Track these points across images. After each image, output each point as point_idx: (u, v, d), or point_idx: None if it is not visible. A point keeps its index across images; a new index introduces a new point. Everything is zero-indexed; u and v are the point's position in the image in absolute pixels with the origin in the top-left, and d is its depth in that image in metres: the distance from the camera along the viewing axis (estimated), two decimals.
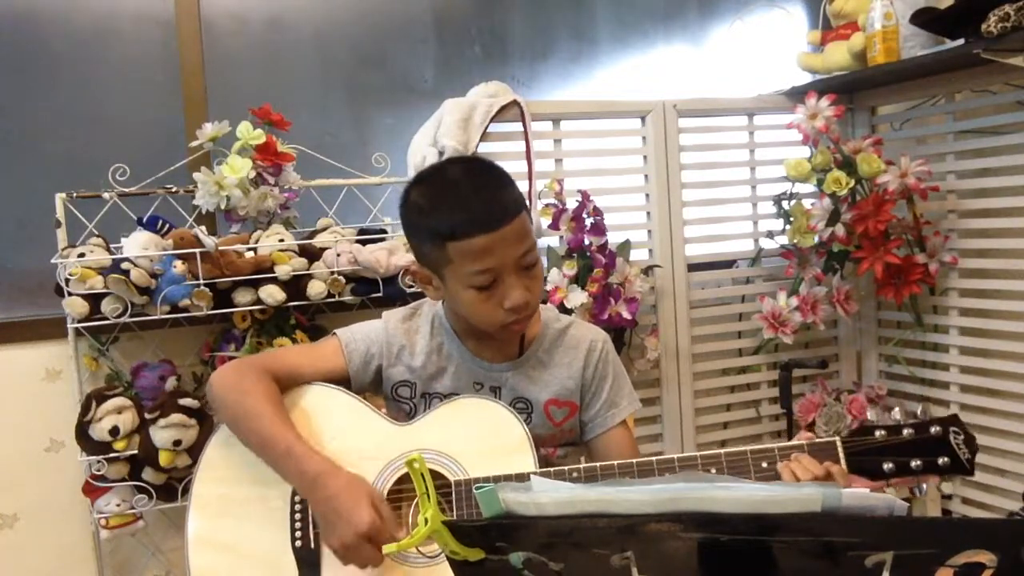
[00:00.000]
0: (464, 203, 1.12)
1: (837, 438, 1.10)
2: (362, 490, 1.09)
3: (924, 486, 1.10)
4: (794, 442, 1.11)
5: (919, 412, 1.10)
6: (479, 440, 1.18)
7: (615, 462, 1.12)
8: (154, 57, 2.03)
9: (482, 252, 1.11)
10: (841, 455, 1.09)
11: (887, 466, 1.07)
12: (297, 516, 1.15)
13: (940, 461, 1.07)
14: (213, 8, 2.07)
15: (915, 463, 1.07)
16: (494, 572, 0.66)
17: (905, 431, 1.08)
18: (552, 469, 1.13)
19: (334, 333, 1.31)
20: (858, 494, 0.59)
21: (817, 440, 1.11)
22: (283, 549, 1.14)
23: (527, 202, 1.95)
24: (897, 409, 1.11)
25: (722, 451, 1.12)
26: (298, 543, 1.14)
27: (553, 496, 0.63)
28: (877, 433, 1.09)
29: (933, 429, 1.08)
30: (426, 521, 0.68)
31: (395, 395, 1.29)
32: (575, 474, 1.11)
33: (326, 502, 1.08)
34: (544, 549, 0.64)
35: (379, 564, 1.07)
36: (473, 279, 1.13)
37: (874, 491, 0.61)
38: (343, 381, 1.27)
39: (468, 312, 1.19)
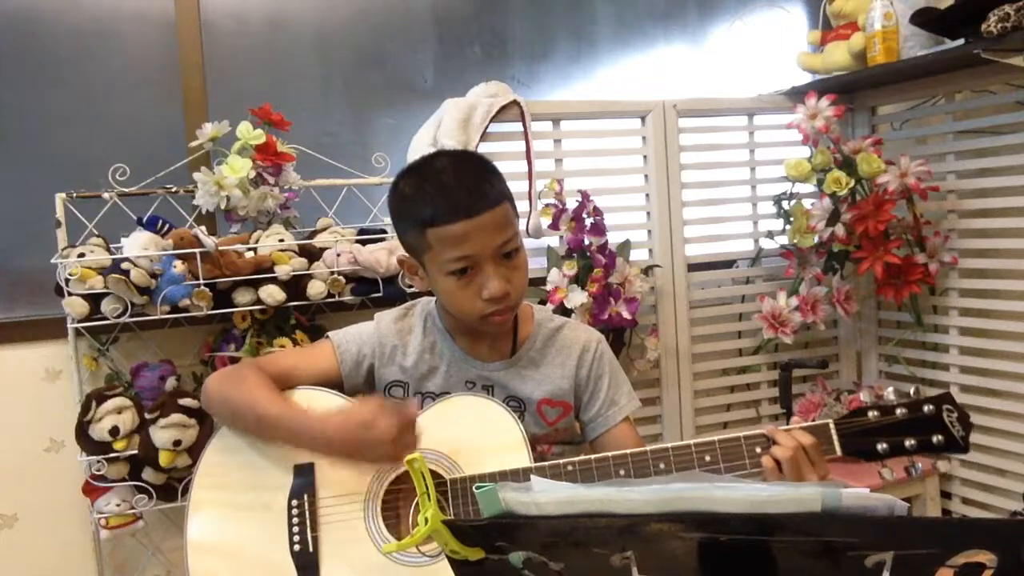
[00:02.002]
0: (444, 190, 1.14)
1: (830, 420, 1.09)
2: (364, 403, 1.14)
3: (919, 465, 1.09)
4: (788, 427, 1.11)
5: (912, 392, 1.09)
6: (474, 438, 1.18)
7: (609, 454, 1.12)
8: (154, 57, 2.03)
9: (458, 239, 1.12)
10: (835, 437, 1.09)
11: (881, 446, 1.07)
12: (295, 521, 1.16)
13: (934, 439, 1.06)
14: (213, 8, 2.07)
15: (909, 442, 1.06)
16: (494, 571, 0.66)
17: (898, 411, 1.07)
18: (547, 463, 1.13)
19: (327, 336, 1.32)
20: (858, 494, 0.59)
21: (810, 423, 1.11)
22: (282, 554, 1.14)
23: (528, 203, 2.00)
24: (890, 389, 1.10)
25: (716, 438, 1.11)
26: (296, 547, 1.14)
27: (553, 496, 0.63)
28: (870, 414, 1.08)
29: (926, 408, 1.07)
30: (426, 520, 0.68)
31: (388, 395, 1.29)
32: (570, 467, 1.11)
33: (343, 428, 1.10)
34: (544, 549, 0.64)
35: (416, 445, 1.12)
36: (450, 265, 1.14)
37: (873, 490, 0.61)
38: (336, 383, 1.27)
39: (448, 301, 1.21)
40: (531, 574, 0.66)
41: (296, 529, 1.15)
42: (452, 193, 1.13)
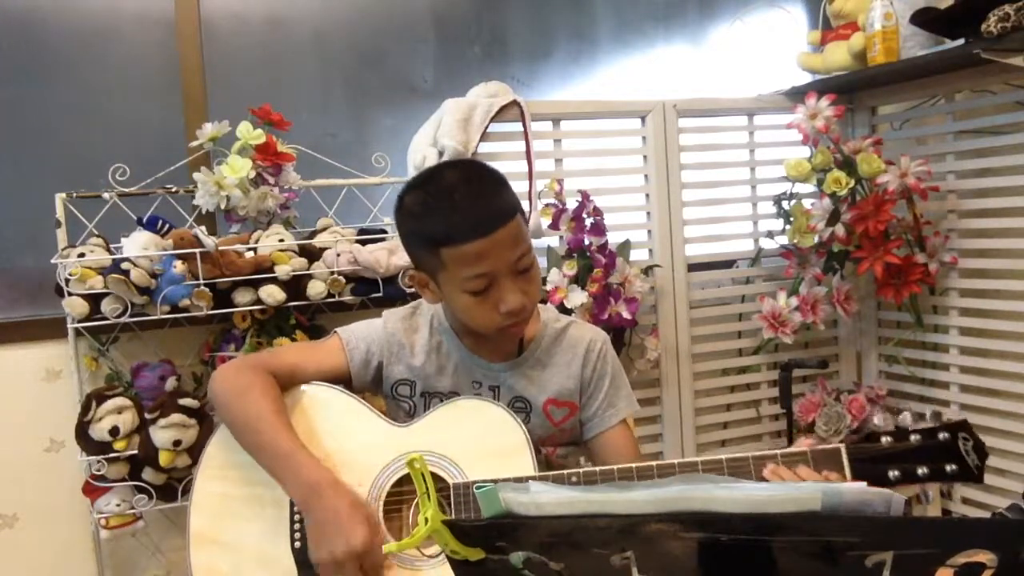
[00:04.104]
0: (457, 208, 1.11)
1: (842, 445, 1.07)
2: (362, 510, 1.10)
3: (930, 493, 1.07)
4: (798, 448, 1.09)
5: (928, 416, 1.07)
6: (478, 442, 1.18)
7: (615, 467, 1.11)
8: (154, 57, 2.03)
9: (475, 257, 1.10)
10: (846, 463, 1.07)
11: (893, 473, 1.04)
12: (296, 518, 1.16)
13: (948, 468, 1.03)
14: (213, 8, 2.07)
15: (922, 470, 1.03)
16: (494, 572, 0.66)
17: (912, 437, 1.04)
18: (551, 473, 1.12)
19: (335, 332, 1.31)
20: (856, 489, 0.59)
21: (821, 447, 1.08)
22: (283, 550, 1.14)
23: (528, 203, 2.00)
24: (906, 413, 1.08)
25: (723, 457, 1.10)
26: (297, 544, 1.14)
27: (553, 496, 0.63)
28: (883, 439, 1.05)
29: (941, 435, 1.04)
30: (426, 521, 0.68)
31: (395, 394, 1.29)
32: (574, 479, 1.10)
33: (325, 513, 1.08)
34: (544, 549, 0.64)
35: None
36: (467, 284, 1.13)
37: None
38: (344, 380, 1.27)
39: (464, 316, 1.19)
40: (531, 574, 0.66)
41: (297, 527, 1.15)
42: (466, 211, 1.11)
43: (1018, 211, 2.00)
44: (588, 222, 1.94)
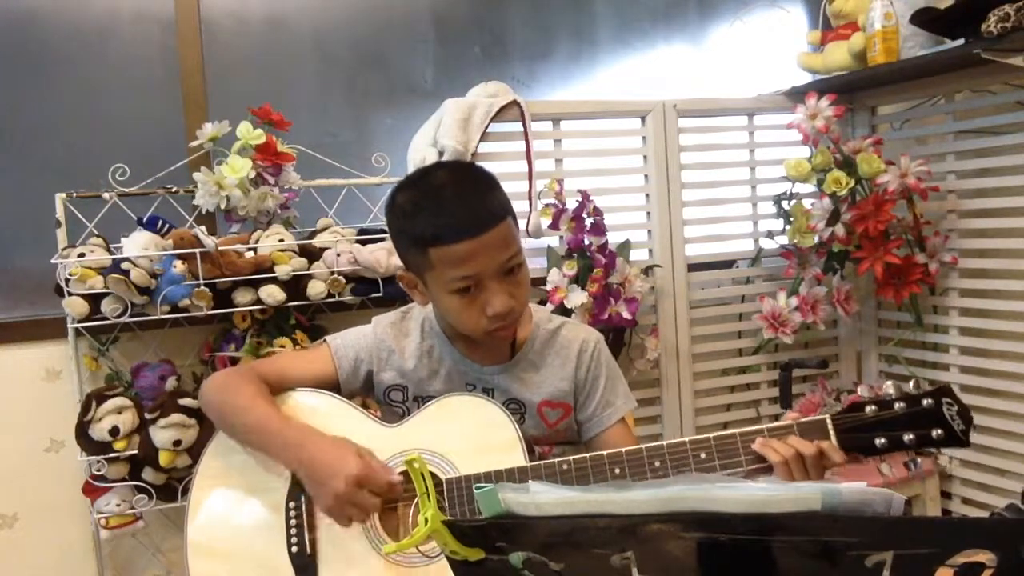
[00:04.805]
0: (446, 208, 1.11)
1: (827, 416, 1.08)
2: (346, 445, 1.11)
3: (919, 460, 1.07)
4: (783, 423, 1.10)
5: (911, 385, 1.07)
6: (469, 438, 1.18)
7: (605, 452, 1.12)
8: (154, 57, 2.03)
9: (463, 258, 1.10)
10: (832, 433, 1.08)
11: (879, 441, 1.05)
12: (292, 523, 1.16)
13: (934, 433, 1.04)
14: (213, 8, 2.07)
15: (908, 437, 1.04)
16: (494, 572, 0.66)
17: (896, 405, 1.05)
18: (543, 463, 1.12)
19: (324, 340, 1.31)
20: (856, 488, 0.59)
21: (807, 419, 1.09)
22: (280, 555, 1.14)
23: (528, 203, 2.00)
24: (889, 383, 1.07)
25: (711, 435, 1.10)
26: (294, 549, 1.14)
27: (553, 496, 0.63)
28: (868, 409, 1.06)
29: (925, 402, 1.04)
30: (426, 521, 0.68)
31: (388, 399, 1.29)
32: (565, 466, 1.11)
33: (312, 461, 1.10)
34: (544, 549, 0.64)
35: (378, 510, 1.10)
36: (454, 285, 1.12)
37: (871, 484, 0.61)
38: (333, 387, 1.27)
39: (452, 318, 1.19)
40: (531, 574, 0.65)
41: (294, 531, 1.15)
42: (455, 211, 1.11)
43: (1018, 211, 2.00)
44: (588, 222, 1.94)
